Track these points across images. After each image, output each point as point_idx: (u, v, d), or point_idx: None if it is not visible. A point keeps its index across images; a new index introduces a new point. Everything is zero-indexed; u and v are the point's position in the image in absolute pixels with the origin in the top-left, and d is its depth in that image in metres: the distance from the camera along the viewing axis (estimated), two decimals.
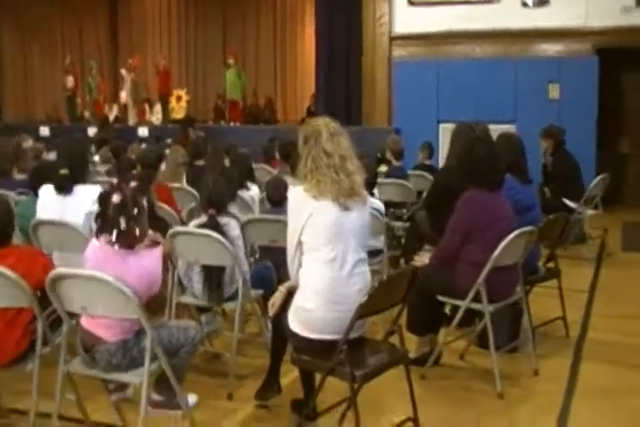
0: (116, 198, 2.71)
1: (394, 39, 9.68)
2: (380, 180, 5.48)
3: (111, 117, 14.14)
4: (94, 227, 2.80)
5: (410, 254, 5.18)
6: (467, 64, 9.20)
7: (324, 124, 2.90)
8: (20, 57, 15.09)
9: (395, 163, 6.42)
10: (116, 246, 2.73)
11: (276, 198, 4.39)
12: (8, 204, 3.16)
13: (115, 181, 2.97)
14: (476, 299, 3.57)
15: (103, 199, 2.74)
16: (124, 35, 17.68)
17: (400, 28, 9.68)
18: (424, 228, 4.87)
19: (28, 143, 8.28)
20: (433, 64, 9.37)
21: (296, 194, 2.90)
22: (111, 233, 2.71)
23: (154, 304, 2.75)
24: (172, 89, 14.82)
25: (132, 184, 2.80)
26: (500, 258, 3.51)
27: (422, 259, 3.84)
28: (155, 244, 2.89)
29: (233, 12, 16.60)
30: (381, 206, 4.52)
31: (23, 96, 15.44)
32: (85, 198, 3.99)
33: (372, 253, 4.55)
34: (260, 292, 3.87)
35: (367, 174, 4.13)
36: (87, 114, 14.47)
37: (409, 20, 9.62)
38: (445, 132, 8.72)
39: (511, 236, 3.52)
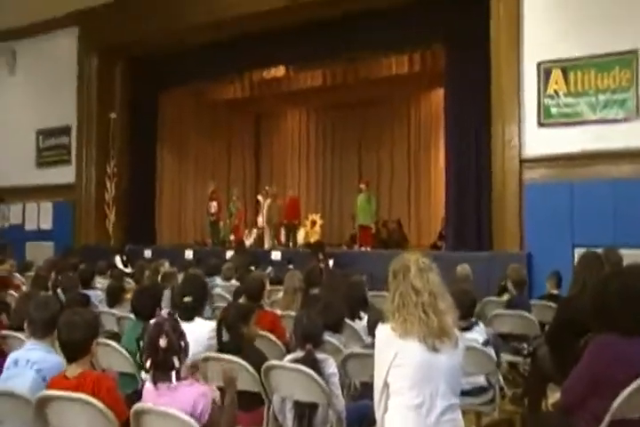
0: (162, 343, 2.71)
1: (524, 162, 9.46)
2: (499, 311, 5.15)
3: (249, 242, 14.75)
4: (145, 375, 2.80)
5: (533, 394, 4.70)
6: (602, 185, 8.75)
7: (414, 259, 2.78)
8: (176, 183, 16.24)
9: (515, 293, 5.92)
10: (174, 384, 2.70)
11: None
12: (86, 316, 3.20)
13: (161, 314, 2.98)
14: None
15: (150, 346, 2.73)
16: (265, 163, 18.89)
17: (530, 150, 9.44)
18: (547, 365, 4.42)
19: (165, 267, 8.84)
20: (566, 186, 9.01)
21: (382, 332, 2.76)
22: (169, 376, 2.70)
23: None
24: (305, 214, 15.33)
25: (169, 317, 2.81)
26: (623, 410, 2.88)
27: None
28: (194, 367, 2.88)
29: (368, 140, 17.31)
30: (480, 339, 4.18)
31: (177, 220, 16.44)
32: (201, 331, 3.98)
33: (479, 391, 4.17)
34: None
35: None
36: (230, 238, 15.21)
37: (539, 142, 9.39)
38: None
39: (637, 383, 2.87)
